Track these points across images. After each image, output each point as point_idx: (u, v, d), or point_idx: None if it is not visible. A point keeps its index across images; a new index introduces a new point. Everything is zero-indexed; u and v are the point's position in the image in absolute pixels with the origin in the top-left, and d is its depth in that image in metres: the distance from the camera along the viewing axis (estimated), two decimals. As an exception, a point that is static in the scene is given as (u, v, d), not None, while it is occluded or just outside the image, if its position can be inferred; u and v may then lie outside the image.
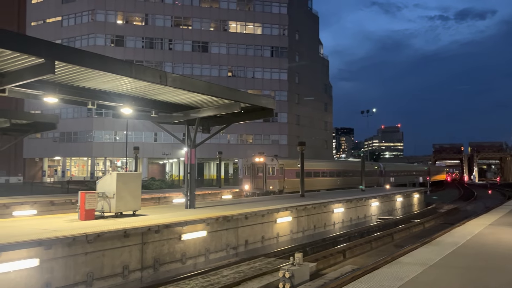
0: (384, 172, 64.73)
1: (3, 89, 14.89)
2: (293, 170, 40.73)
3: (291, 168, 40.67)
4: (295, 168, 40.11)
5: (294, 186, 39.65)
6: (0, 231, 13.87)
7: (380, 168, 64.00)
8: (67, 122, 66.45)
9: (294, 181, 40.19)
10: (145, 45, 71.32)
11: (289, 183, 40.08)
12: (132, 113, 20.92)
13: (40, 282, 12.26)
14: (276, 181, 39.15)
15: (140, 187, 19.02)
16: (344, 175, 52.71)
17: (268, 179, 39.15)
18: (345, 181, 52.41)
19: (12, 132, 29.47)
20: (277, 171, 39.12)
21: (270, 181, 39.12)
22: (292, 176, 40.57)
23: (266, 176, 39.17)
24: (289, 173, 40.36)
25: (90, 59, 14.43)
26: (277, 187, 38.87)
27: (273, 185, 38.96)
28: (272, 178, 39.09)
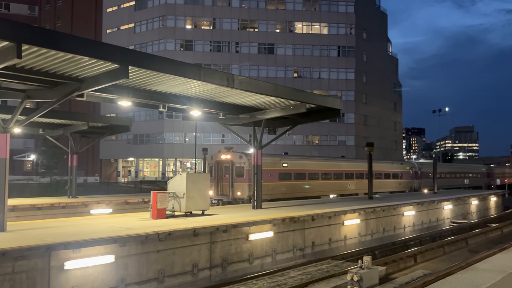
0: (421, 173, 52.79)
1: (81, 94, 15.77)
2: (275, 171, 31.65)
3: (271, 168, 31.20)
4: (279, 168, 31.94)
5: (275, 191, 31.08)
6: (79, 228, 14.71)
7: (415, 169, 51.57)
8: (139, 124, 69.22)
9: (275, 185, 31.37)
10: (213, 48, 72.83)
11: (268, 187, 30.08)
12: (200, 115, 21.43)
13: (115, 278, 12.86)
14: (245, 186, 28.88)
15: (208, 187, 19.45)
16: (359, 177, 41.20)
17: (235, 183, 29.34)
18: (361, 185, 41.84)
19: (90, 135, 31.21)
20: (248, 172, 28.60)
21: (238, 185, 29.28)
22: (273, 179, 31.39)
23: (234, 178, 29.53)
24: (268, 174, 30.72)
25: (161, 63, 14.96)
26: (246, 193, 28.63)
27: (241, 190, 29.07)
28: (240, 181, 29.29)
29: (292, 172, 33.03)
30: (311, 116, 22.62)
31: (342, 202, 28.29)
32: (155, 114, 70.73)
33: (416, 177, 51.12)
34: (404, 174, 48.75)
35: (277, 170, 31.62)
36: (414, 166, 51.91)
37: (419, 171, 52.07)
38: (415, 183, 50.49)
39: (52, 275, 11.53)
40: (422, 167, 53.46)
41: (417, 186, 50.85)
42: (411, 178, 50.04)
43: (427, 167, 54.05)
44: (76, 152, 29.41)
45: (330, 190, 37.14)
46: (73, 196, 28.70)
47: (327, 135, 74.59)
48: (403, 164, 51.65)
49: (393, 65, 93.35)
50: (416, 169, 51.70)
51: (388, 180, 44.81)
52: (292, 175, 33.04)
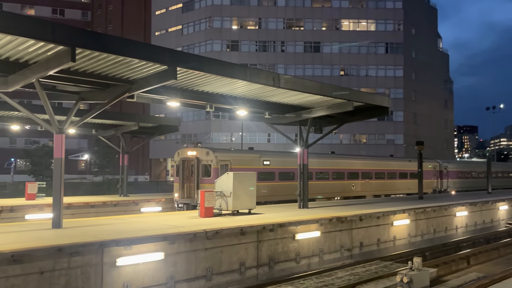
0: (447, 172, 46.22)
1: (132, 95, 16.24)
2: (246, 170, 25.54)
3: (243, 167, 26.02)
4: (258, 167, 26.99)
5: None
6: (130, 226, 15.15)
7: (439, 168, 44.81)
8: (187, 124, 70.43)
9: None
10: (259, 48, 73.08)
11: None
12: (246, 114, 21.56)
13: (165, 275, 13.15)
14: (212, 187, 23.87)
15: (255, 186, 19.54)
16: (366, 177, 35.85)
17: (201, 183, 24.86)
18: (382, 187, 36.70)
19: (140, 135, 32.10)
20: (215, 171, 24.57)
21: (205, 187, 24.22)
22: None
23: (200, 179, 25.11)
24: None
25: (207, 64, 15.19)
26: None
27: None
28: (207, 181, 24.60)
29: (275, 171, 28.13)
30: (358, 115, 22.29)
31: (391, 202, 27.71)
32: (202, 114, 71.75)
33: (440, 176, 44.78)
34: (425, 173, 41.19)
35: (256, 168, 26.19)
36: (438, 164, 45.37)
37: (444, 169, 45.84)
38: (439, 184, 44.45)
39: (105, 271, 11.93)
40: (449, 165, 47.22)
41: (442, 187, 44.94)
42: (434, 177, 43.81)
43: (456, 165, 48.86)
44: (127, 152, 30.28)
45: (327, 192, 31.26)
46: (124, 194, 29.58)
47: (375, 133, 73.26)
48: (425, 162, 44.80)
49: (444, 61, 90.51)
50: (440, 167, 45.17)
51: (404, 180, 39.34)
52: (275, 174, 28.11)
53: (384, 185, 37.11)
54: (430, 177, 42.76)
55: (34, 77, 13.36)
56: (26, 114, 16.70)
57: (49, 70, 12.91)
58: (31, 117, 16.08)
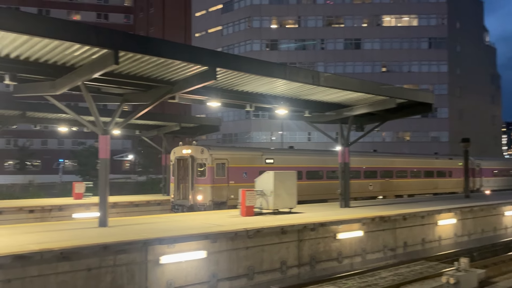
0: (480, 171, 42.59)
1: (173, 96, 16.52)
2: (255, 170, 24.63)
3: (248, 166, 24.77)
4: (260, 166, 25.14)
5: None
6: (173, 225, 15.42)
7: (471, 165, 40.00)
8: (228, 124, 70.97)
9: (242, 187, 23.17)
10: (298, 46, 72.77)
11: (237, 190, 21.15)
12: (286, 113, 21.52)
13: (207, 273, 13.31)
14: (207, 188, 22.95)
15: (295, 185, 19.48)
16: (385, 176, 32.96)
17: (196, 184, 23.40)
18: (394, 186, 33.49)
19: (182, 135, 32.56)
20: (210, 170, 23.04)
21: (199, 188, 23.25)
22: (251, 179, 22.75)
23: (194, 178, 23.51)
24: (237, 174, 24.31)
25: (246, 64, 15.27)
26: (209, 198, 22.83)
27: (203, 194, 23.02)
28: (202, 182, 23.21)
29: None
30: (401, 112, 21.84)
31: (435, 201, 27.00)
32: (242, 114, 72.11)
33: (472, 175, 40.49)
34: (454, 171, 39.28)
35: (258, 167, 24.76)
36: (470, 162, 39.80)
37: (476, 167, 42.39)
38: (472, 182, 40.10)
39: (149, 269, 12.19)
40: (482, 162, 43.47)
41: (474, 186, 41.22)
42: None
43: (490, 163, 44.84)
44: (169, 152, 30.82)
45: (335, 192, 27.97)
46: (167, 193, 30.11)
47: (418, 131, 71.56)
48: (454, 159, 41.08)
49: (490, 55, 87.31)
50: (472, 165, 40.88)
51: (430, 179, 36.54)
52: None
53: (406, 184, 34.12)
54: (460, 176, 38.74)
55: (80, 80, 13.79)
56: (73, 116, 17.25)
57: (94, 73, 13.31)
58: (78, 119, 16.61)
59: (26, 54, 13.03)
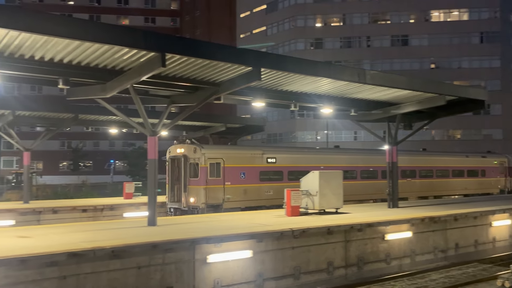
0: None
1: (218, 97, 16.72)
2: (254, 170, 23.45)
3: (247, 165, 23.21)
4: (260, 165, 23.70)
5: (253, 196, 23.11)
6: (220, 224, 15.59)
7: (508, 163, 37.81)
8: (272, 124, 71.05)
9: (254, 188, 23.26)
10: (343, 45, 71.94)
11: (240, 192, 22.58)
12: (331, 112, 21.34)
13: (254, 272, 13.37)
14: (200, 190, 21.61)
15: (341, 185, 19.27)
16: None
17: (189, 185, 22.03)
18: None
19: (228, 135, 32.90)
20: (203, 170, 21.73)
21: (192, 189, 21.87)
22: (250, 180, 23.27)
23: (187, 179, 22.17)
24: (234, 174, 22.67)
25: (290, 63, 15.26)
26: (202, 200, 21.49)
27: (195, 195, 21.66)
28: (194, 183, 21.89)
29: (284, 171, 24.58)
30: (451, 109, 21.20)
31: (489, 201, 25.99)
32: (287, 113, 71.98)
33: (510, 174, 37.84)
34: (488, 170, 35.93)
35: (257, 167, 23.59)
36: (506, 160, 38.07)
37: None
38: (508, 182, 37.70)
39: (197, 267, 12.38)
40: None
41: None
42: (500, 175, 37.07)
43: None
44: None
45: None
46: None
47: (470, 128, 69.15)
48: (488, 157, 37.77)
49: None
50: (509, 163, 38.10)
51: (460, 179, 33.73)
52: (284, 174, 24.58)
53: (430, 185, 31.29)
54: (496, 175, 36.51)
55: (129, 83, 14.20)
56: (122, 118, 17.79)
57: (142, 76, 13.68)
58: (127, 121, 17.11)
59: (78, 59, 13.54)
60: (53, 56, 13.14)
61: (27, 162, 25.34)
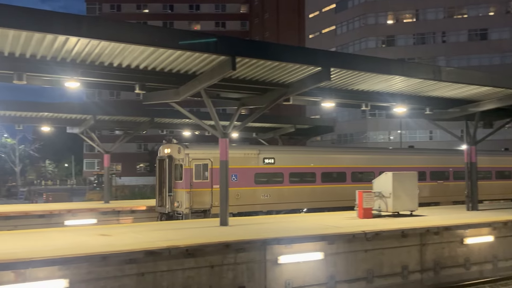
0: None
1: (288, 98, 16.74)
2: (249, 171, 21.48)
3: (240, 167, 21.26)
4: (255, 167, 21.64)
5: (247, 200, 21.19)
6: (290, 225, 15.60)
7: None
8: (343, 124, 70.00)
9: (248, 192, 21.29)
10: (416, 41, 69.50)
11: (233, 196, 20.02)
12: (405, 111, 20.69)
13: (325, 274, 13.24)
14: (183, 193, 20.03)
15: (416, 186, 18.63)
16: None
17: (174, 189, 20.53)
18: None
19: (297, 136, 32.82)
20: (187, 172, 20.10)
21: (177, 193, 20.37)
22: (244, 182, 21.30)
23: (173, 182, 20.61)
24: (230, 176, 19.79)
25: (361, 62, 15.00)
26: (185, 204, 19.83)
27: (179, 200, 20.14)
28: (178, 186, 20.41)
29: (284, 172, 22.16)
30: (537, 106, 19.83)
31: None
32: (357, 113, 70.62)
33: None
34: None
35: (252, 169, 21.52)
36: None
37: None
38: None
39: (268, 268, 12.45)
40: None
41: None
42: None
43: None
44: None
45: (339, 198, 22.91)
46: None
47: (558, 126, 64.23)
48: None
49: None
50: None
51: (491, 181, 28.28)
52: (284, 176, 22.19)
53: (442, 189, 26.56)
54: None
55: (200, 87, 14.58)
56: (195, 120, 18.28)
57: (213, 79, 14.01)
58: (200, 123, 17.56)
59: (153, 65, 14.12)
60: (130, 62, 13.79)
61: (107, 164, 26.71)
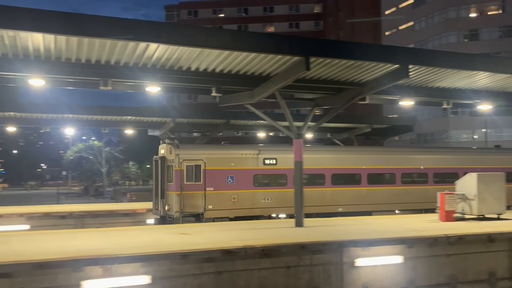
0: None
1: (363, 97, 16.40)
2: (247, 172, 19.90)
3: (237, 168, 19.68)
4: (254, 168, 20.03)
5: (245, 204, 19.60)
6: (365, 227, 15.25)
7: None
8: (422, 123, 67.38)
9: (246, 195, 19.72)
10: (503, 34, 65.38)
11: (218, 198, 19.09)
12: (491, 109, 19.55)
13: (404, 278, 12.80)
14: (173, 196, 18.94)
15: (503, 188, 17.51)
16: None
17: (167, 191, 19.57)
18: None
19: (374, 136, 32.03)
20: (177, 174, 18.91)
21: (168, 195, 19.43)
22: (242, 185, 19.72)
23: (165, 184, 19.64)
24: (218, 178, 19.32)
25: (442, 58, 14.36)
26: (175, 207, 18.68)
27: (170, 202, 19.16)
28: (169, 188, 19.40)
29: (287, 174, 20.06)
30: None
31: None
32: (438, 111, 67.65)
33: None
34: None
35: (251, 170, 19.97)
36: None
37: None
38: None
39: (345, 270, 12.25)
40: None
41: None
42: None
43: None
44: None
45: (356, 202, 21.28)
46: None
47: None
48: None
49: None
50: None
51: None
52: (288, 178, 20.11)
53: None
54: None
55: (274, 88, 14.67)
56: (269, 122, 18.41)
57: (287, 80, 14.04)
58: (274, 125, 17.66)
59: (228, 68, 14.42)
60: (207, 66, 14.18)
61: (186, 165, 27.57)
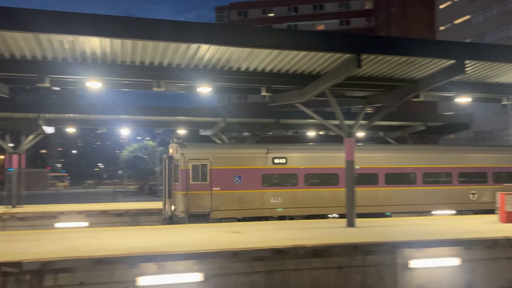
0: None
1: (417, 94, 15.94)
2: (255, 172, 19.41)
3: (244, 167, 19.32)
4: (263, 167, 19.54)
5: (252, 205, 19.10)
6: (419, 228, 14.85)
7: None
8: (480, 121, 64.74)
9: (254, 195, 19.21)
10: None
11: (225, 198, 18.80)
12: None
13: (462, 281, 12.36)
14: (179, 196, 18.71)
15: None
16: None
17: (174, 191, 19.30)
18: None
19: (428, 135, 31.07)
20: (183, 173, 18.65)
21: (174, 195, 19.19)
22: (250, 184, 19.24)
23: (172, 184, 19.44)
24: (225, 178, 19.01)
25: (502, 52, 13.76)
26: (181, 207, 18.43)
27: (176, 202, 18.93)
28: (176, 188, 19.14)
29: (299, 174, 19.81)
30: None
31: None
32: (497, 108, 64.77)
33: None
34: None
35: (259, 169, 19.58)
36: None
37: None
38: None
39: (399, 272, 11.96)
40: None
41: None
42: None
43: None
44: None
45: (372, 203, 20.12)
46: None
47: None
48: None
49: None
50: None
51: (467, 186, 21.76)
52: (299, 178, 19.84)
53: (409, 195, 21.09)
54: None
55: (324, 86, 14.53)
56: (319, 121, 18.26)
57: (337, 78, 13.87)
58: (324, 123, 17.48)
59: (278, 67, 14.43)
60: (257, 66, 14.24)
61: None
